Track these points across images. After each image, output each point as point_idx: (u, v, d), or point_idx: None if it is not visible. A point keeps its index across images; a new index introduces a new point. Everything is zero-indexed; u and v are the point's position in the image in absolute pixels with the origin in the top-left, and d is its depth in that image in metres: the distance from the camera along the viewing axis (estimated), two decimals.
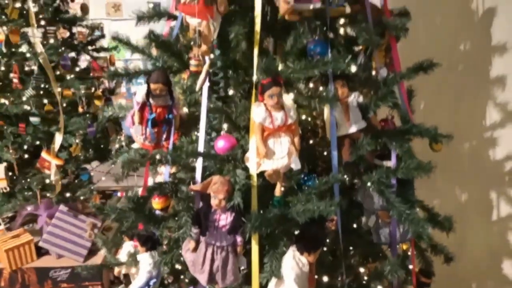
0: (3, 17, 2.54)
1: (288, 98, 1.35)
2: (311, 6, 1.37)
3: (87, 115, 2.87)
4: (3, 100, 2.61)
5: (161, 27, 1.79)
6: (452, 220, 1.54)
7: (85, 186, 2.84)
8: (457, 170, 2.12)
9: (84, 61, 3.17)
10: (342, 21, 1.57)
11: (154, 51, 1.74)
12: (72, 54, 2.98)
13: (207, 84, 1.49)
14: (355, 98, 1.49)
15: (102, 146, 3.05)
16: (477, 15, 2.07)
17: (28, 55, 2.62)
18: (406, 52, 1.68)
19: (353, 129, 1.48)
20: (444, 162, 1.59)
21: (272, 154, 1.33)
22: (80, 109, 2.87)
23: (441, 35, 2.28)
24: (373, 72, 1.63)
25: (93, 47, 3.13)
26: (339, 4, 1.55)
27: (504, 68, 1.93)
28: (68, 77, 2.82)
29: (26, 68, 2.71)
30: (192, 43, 1.46)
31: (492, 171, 2.03)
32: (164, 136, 1.61)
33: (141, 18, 1.57)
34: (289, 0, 1.33)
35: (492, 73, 1.98)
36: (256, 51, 1.37)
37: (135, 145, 1.89)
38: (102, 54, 3.18)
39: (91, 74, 2.99)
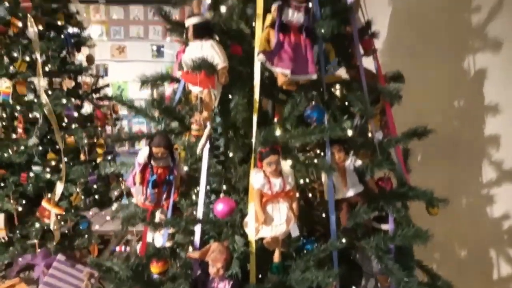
0: (11, 68, 2.62)
1: (286, 165, 1.39)
2: (307, 77, 1.43)
3: (89, 164, 2.90)
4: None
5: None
6: (451, 285, 1.53)
7: (83, 235, 2.83)
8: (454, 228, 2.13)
9: (88, 107, 3.24)
10: (338, 86, 1.63)
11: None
12: (77, 102, 3.05)
13: (207, 147, 1.53)
14: (351, 162, 1.52)
15: (102, 192, 3.06)
16: (470, 75, 2.15)
17: (33, 104, 2.68)
18: (400, 111, 1.72)
19: (350, 193, 1.50)
20: (441, 218, 1.61)
21: (270, 220, 1.35)
22: (82, 157, 2.90)
23: (435, 93, 2.36)
24: (369, 134, 1.67)
25: (97, 95, 3.21)
26: (335, 71, 1.62)
27: (498, 127, 1.97)
28: (72, 125, 2.88)
29: (30, 116, 2.77)
30: (194, 108, 1.51)
31: (490, 230, 2.03)
32: (164, 196, 1.64)
33: (144, 82, 1.62)
34: (286, 72, 1.39)
35: (486, 131, 2.03)
36: (255, 119, 1.42)
37: (135, 199, 1.91)
38: (106, 102, 3.25)
39: (94, 122, 3.06)
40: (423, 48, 2.55)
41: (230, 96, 1.55)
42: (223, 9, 1.56)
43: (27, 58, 2.64)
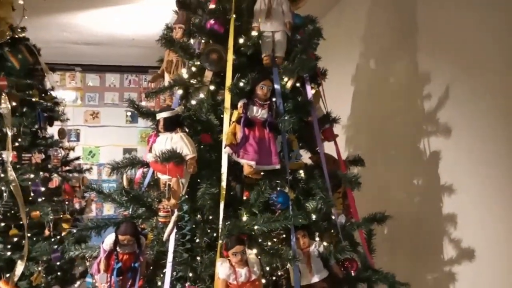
0: None
1: (252, 254, 1.42)
2: (271, 167, 1.52)
3: (53, 239, 2.81)
4: None
5: None
6: None
7: None
8: None
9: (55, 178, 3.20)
10: (301, 172, 1.72)
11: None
12: (45, 174, 3.02)
13: (174, 234, 1.55)
14: (316, 247, 1.57)
15: (65, 270, 2.94)
16: (426, 155, 2.31)
17: None
18: (366, 185, 1.80)
19: (315, 279, 1.53)
20: None
21: None
22: (47, 232, 2.81)
23: (397, 171, 2.50)
24: (333, 217, 1.74)
25: (67, 167, 3.19)
26: (297, 158, 1.72)
27: (455, 208, 2.09)
28: (38, 199, 2.82)
29: None
30: (162, 195, 1.55)
31: None
32: (129, 283, 1.61)
33: (115, 168, 1.66)
34: (251, 164, 1.47)
35: (444, 210, 2.15)
36: (221, 206, 1.47)
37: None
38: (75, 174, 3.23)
39: (61, 195, 3.01)
40: (384, 128, 2.74)
41: (198, 181, 1.60)
42: (193, 101, 1.67)
43: None
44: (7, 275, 2.54)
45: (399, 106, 2.59)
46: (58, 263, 2.84)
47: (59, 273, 2.93)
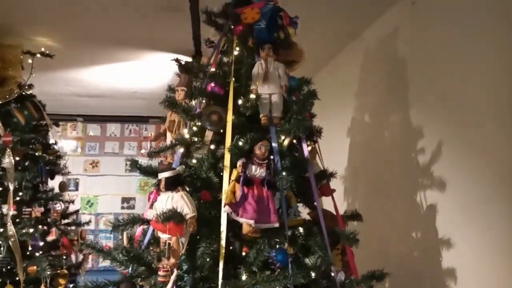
0: None
1: None
2: (270, 226, 1.54)
3: None
4: None
5: None
6: None
7: None
8: None
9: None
10: (300, 229, 1.74)
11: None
12: (44, 228, 3.01)
13: None
14: None
15: None
16: (423, 209, 2.34)
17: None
18: (365, 238, 1.81)
19: None
20: None
21: None
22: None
23: (395, 224, 2.52)
24: (332, 274, 1.74)
25: (66, 220, 3.19)
26: (296, 214, 1.75)
27: (455, 262, 2.09)
28: (36, 254, 2.80)
29: None
30: (161, 254, 1.57)
31: None
32: None
33: (116, 226, 1.69)
34: (250, 223, 1.50)
35: (443, 264, 2.14)
36: (221, 266, 1.48)
37: None
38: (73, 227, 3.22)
39: (59, 249, 2.99)
40: (380, 180, 2.79)
41: (197, 239, 1.62)
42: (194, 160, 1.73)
43: None
44: None
45: (395, 158, 2.65)
46: None
47: None
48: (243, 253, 1.65)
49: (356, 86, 3.19)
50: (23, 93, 2.99)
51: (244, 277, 1.52)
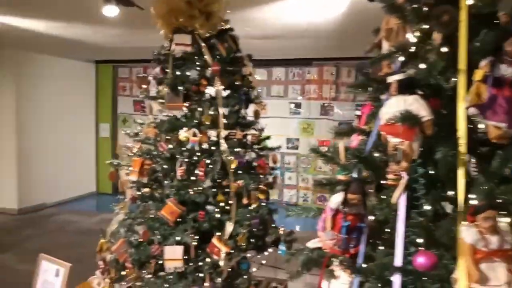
0: (198, 121, 3.07)
1: (503, 222, 1.31)
2: None
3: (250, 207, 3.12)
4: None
5: None
6: None
7: (243, 275, 3.00)
8: None
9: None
10: None
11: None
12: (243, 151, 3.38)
13: (403, 198, 1.54)
14: None
15: (259, 237, 3.24)
16: None
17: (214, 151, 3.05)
18: None
19: None
20: None
21: (485, 280, 1.27)
22: (245, 201, 3.15)
23: None
24: None
25: (260, 146, 3.51)
26: None
27: None
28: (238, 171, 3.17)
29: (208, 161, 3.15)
30: (391, 159, 1.57)
31: None
32: (352, 243, 1.68)
33: (338, 133, 1.75)
34: (502, 126, 1.36)
35: None
36: (461, 173, 1.40)
37: (310, 244, 1.99)
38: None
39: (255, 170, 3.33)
40: None
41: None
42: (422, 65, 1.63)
43: (211, 112, 3.06)
44: (218, 233, 2.94)
45: None
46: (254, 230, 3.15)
47: (252, 240, 3.26)
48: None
49: None
50: (223, 28, 3.28)
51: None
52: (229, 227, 2.88)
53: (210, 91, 3.18)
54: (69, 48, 7.03)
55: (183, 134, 3.02)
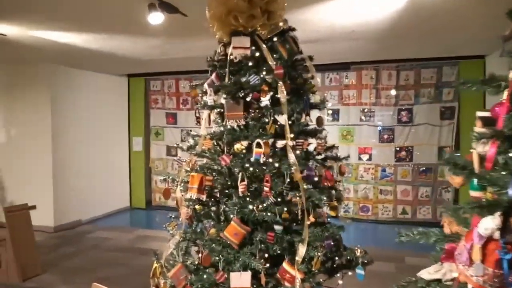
0: (261, 131, 2.75)
1: None
2: None
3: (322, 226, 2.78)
4: (251, 207, 2.72)
5: None
6: None
7: None
8: None
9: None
10: None
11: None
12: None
13: None
14: None
15: (330, 259, 2.89)
16: None
17: (276, 164, 2.73)
18: None
19: None
20: None
21: None
22: (312, 219, 2.80)
23: None
24: None
25: (325, 155, 3.16)
26: None
27: None
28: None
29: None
30: None
31: None
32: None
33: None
34: None
35: None
36: None
37: (425, 275, 1.64)
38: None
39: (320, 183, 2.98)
40: None
41: None
42: None
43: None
44: (287, 257, 2.60)
45: None
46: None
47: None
48: None
49: None
50: (283, 28, 2.98)
51: None
52: (302, 249, 2.54)
53: (268, 97, 2.87)
54: (104, 62, 6.94)
55: (245, 145, 2.72)
